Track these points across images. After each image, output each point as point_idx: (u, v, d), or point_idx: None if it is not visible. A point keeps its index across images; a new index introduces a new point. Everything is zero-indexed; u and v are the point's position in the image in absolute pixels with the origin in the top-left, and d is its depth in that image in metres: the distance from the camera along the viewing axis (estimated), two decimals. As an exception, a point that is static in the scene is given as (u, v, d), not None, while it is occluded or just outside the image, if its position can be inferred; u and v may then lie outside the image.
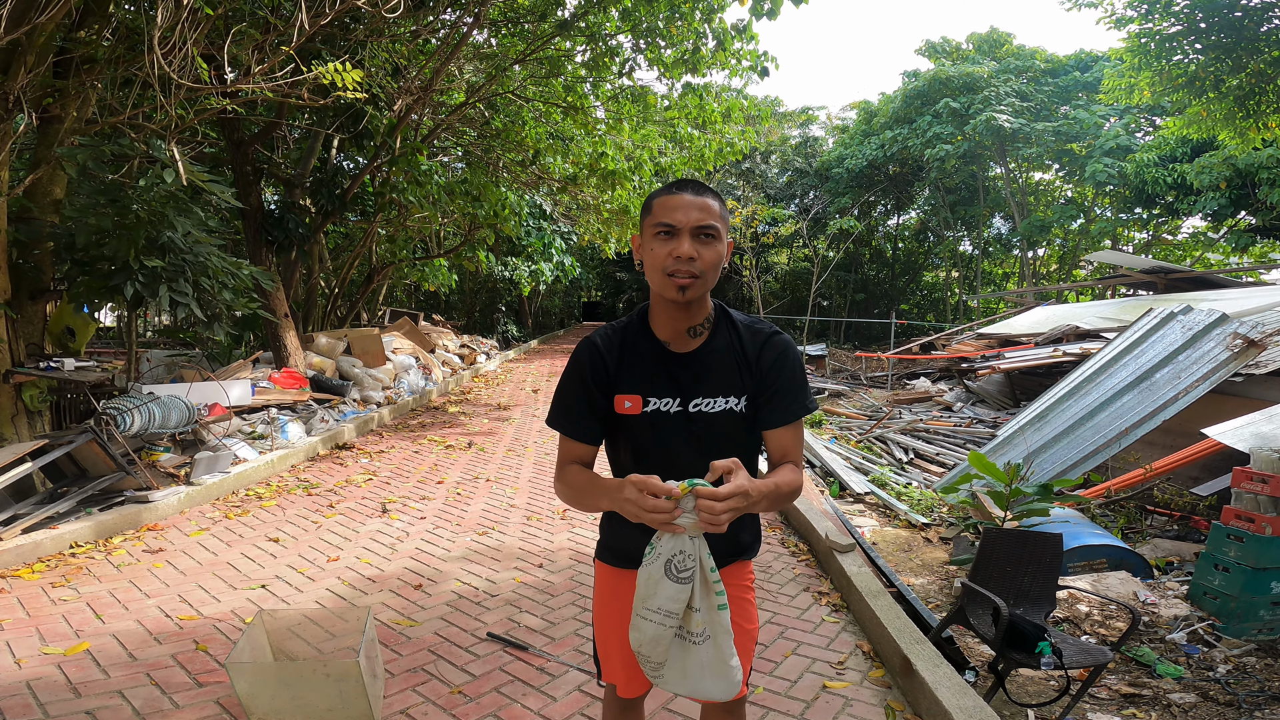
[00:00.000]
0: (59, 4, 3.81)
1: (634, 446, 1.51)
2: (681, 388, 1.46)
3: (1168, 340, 6.00)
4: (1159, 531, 5.00)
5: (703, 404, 1.46)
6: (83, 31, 4.70)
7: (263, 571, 4.11)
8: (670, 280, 1.37)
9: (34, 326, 5.12)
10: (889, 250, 27.62)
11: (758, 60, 8.50)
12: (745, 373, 1.48)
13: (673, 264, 1.36)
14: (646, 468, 1.43)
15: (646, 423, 1.46)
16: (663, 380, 1.47)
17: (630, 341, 1.49)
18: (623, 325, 1.53)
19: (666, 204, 1.39)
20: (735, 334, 1.50)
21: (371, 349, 9.44)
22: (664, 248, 1.37)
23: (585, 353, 1.50)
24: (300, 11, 4.05)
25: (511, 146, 9.98)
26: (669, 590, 1.26)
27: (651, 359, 1.48)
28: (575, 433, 1.50)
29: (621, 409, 1.47)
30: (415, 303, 19.96)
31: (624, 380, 1.47)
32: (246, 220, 8.22)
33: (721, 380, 1.47)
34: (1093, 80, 18.92)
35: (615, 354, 1.49)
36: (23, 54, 4.30)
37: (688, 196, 1.38)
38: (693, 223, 1.36)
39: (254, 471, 5.94)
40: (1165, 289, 11.40)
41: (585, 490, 1.44)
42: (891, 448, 7.95)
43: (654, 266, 1.39)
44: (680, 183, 1.42)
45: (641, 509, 1.22)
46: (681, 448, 1.47)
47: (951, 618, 3.22)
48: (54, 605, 3.53)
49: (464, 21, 8.18)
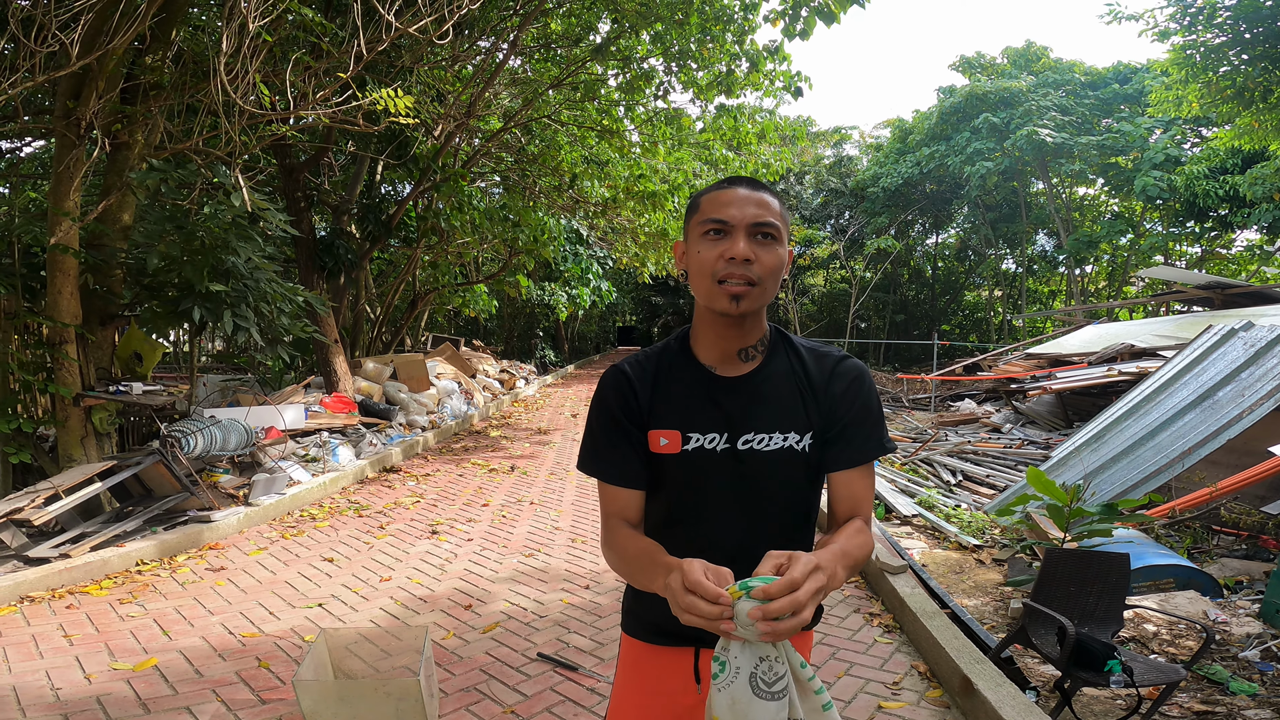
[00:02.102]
0: (129, 29, 4.03)
1: (669, 497, 1.25)
2: (730, 420, 1.20)
3: (1230, 357, 5.79)
4: (1226, 551, 4.83)
5: (755, 441, 1.20)
6: (149, 58, 4.96)
7: (319, 590, 4.19)
8: (721, 288, 1.14)
9: (103, 351, 5.36)
10: (928, 270, 27.23)
11: (791, 81, 8.56)
12: (810, 403, 1.23)
13: (725, 267, 1.13)
14: (682, 524, 1.24)
15: (686, 463, 1.21)
16: (706, 410, 1.21)
17: (667, 367, 1.25)
18: (659, 350, 1.29)
19: (718, 199, 1.18)
20: (797, 358, 1.26)
21: (416, 374, 9.63)
22: (714, 249, 1.15)
23: (612, 383, 1.26)
24: (359, 38, 4.24)
25: (548, 171, 10.19)
26: (764, 713, 0.95)
27: (693, 385, 1.23)
28: (614, 476, 1.23)
29: (656, 447, 1.22)
30: (455, 328, 20.32)
31: (659, 412, 1.22)
32: (299, 246, 8.51)
33: (780, 411, 1.21)
34: (1134, 92, 18.55)
35: (649, 382, 1.24)
36: (94, 79, 4.51)
37: (742, 191, 1.17)
38: (749, 219, 1.14)
39: (307, 493, 6.08)
40: (1222, 305, 11.00)
41: (639, 564, 1.13)
42: (938, 470, 7.78)
43: (701, 272, 1.16)
44: (734, 178, 1.21)
45: (682, 609, 0.92)
46: (726, 497, 1.21)
47: (1013, 637, 3.19)
48: (122, 621, 3.65)
49: (499, 48, 8.43)
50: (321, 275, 8.68)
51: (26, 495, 4.48)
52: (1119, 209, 21.04)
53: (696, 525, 1.24)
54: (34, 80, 3.83)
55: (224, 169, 4.57)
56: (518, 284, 12.29)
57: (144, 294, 4.59)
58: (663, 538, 1.19)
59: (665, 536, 1.21)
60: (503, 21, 7.98)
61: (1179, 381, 6.08)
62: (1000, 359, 13.76)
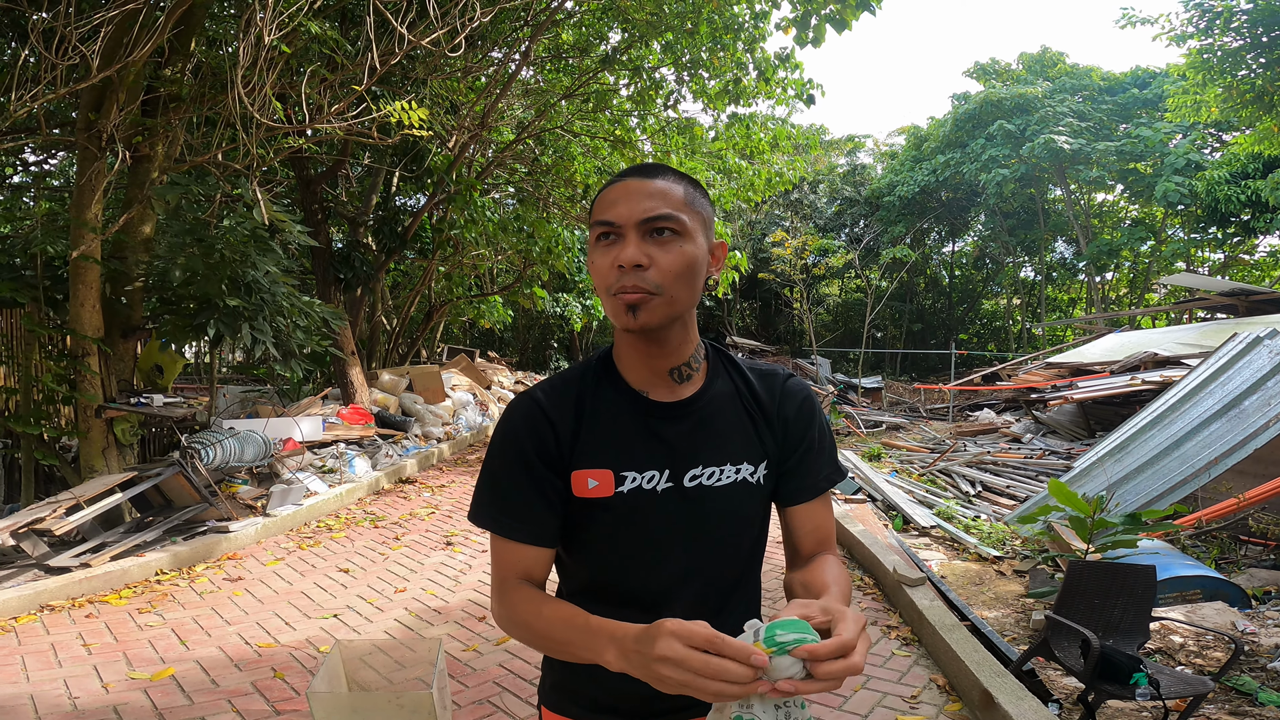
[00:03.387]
0: (149, 43, 4.10)
1: (594, 551, 1.02)
2: (673, 453, 1.00)
3: (1255, 366, 5.68)
4: (1254, 561, 4.74)
5: (704, 476, 1.01)
6: (168, 70, 5.05)
7: (335, 601, 4.20)
8: (616, 300, 0.95)
9: (125, 363, 5.44)
10: (945, 278, 27.01)
11: (802, 89, 8.56)
12: (764, 429, 1.06)
13: (615, 277, 0.94)
14: (609, 583, 1.02)
15: (622, 508, 0.99)
16: (643, 443, 1.00)
17: (589, 392, 1.03)
18: (577, 372, 1.06)
19: (605, 197, 0.99)
20: (741, 378, 1.08)
21: (432, 386, 9.69)
22: (606, 256, 0.96)
23: (522, 414, 1.01)
24: (372, 51, 4.29)
25: (561, 182, 10.25)
26: None
27: (624, 413, 1.01)
28: (522, 532, 0.98)
29: (583, 491, 0.99)
30: (470, 339, 20.44)
31: (586, 448, 0.99)
32: (316, 258, 8.61)
33: (730, 440, 1.03)
34: (1152, 97, 18.35)
35: (570, 412, 1.01)
36: (114, 92, 4.59)
37: (633, 183, 0.98)
38: (639, 214, 0.94)
39: (324, 504, 6.12)
40: (1247, 312, 10.81)
41: (564, 634, 0.92)
42: (957, 480, 7.68)
43: (598, 284, 0.98)
44: (628, 169, 1.02)
45: (698, 675, 0.74)
46: (669, 545, 1.00)
47: (1035, 649, 3.15)
48: (140, 631, 3.68)
49: (511, 59, 8.51)
50: (338, 287, 8.77)
51: (48, 505, 4.55)
52: (1139, 215, 20.78)
53: (628, 581, 1.02)
54: (56, 92, 3.91)
55: (244, 182, 4.64)
56: (533, 295, 12.35)
57: (162, 307, 4.66)
58: (581, 600, 0.98)
59: (584, 599, 1.00)
60: (514, 32, 8.07)
61: (1204, 391, 5.97)
62: (1020, 368, 13.60)
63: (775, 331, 27.01)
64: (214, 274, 4.29)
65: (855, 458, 8.51)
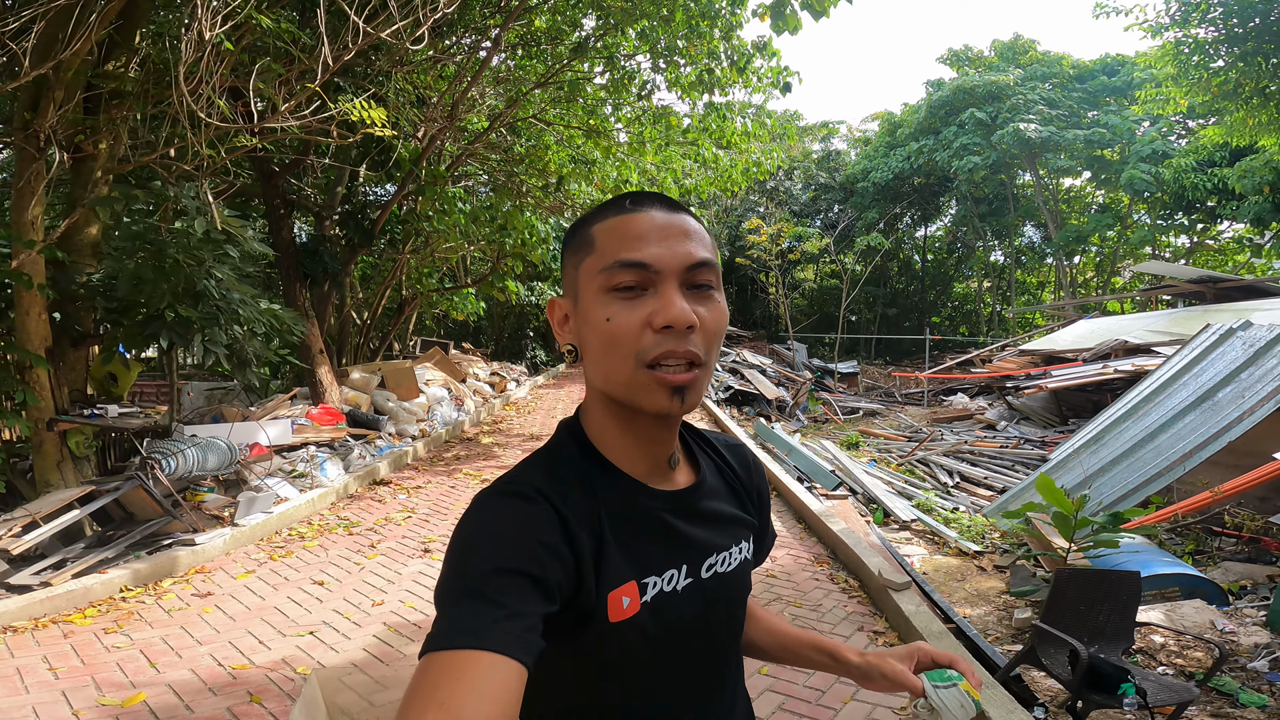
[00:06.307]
0: (83, 38, 3.85)
1: (618, 674, 0.82)
2: (691, 547, 0.87)
3: (1229, 358, 5.75)
4: (1228, 554, 4.81)
5: (718, 563, 0.90)
6: (110, 65, 4.76)
7: (310, 617, 4.07)
8: (654, 376, 0.75)
9: (77, 373, 5.19)
10: (917, 263, 27.26)
11: (779, 76, 8.45)
12: (747, 502, 0.98)
13: (654, 341, 0.75)
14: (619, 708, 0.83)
15: (650, 622, 0.82)
16: (661, 543, 0.84)
17: (598, 491, 0.82)
18: (560, 460, 0.84)
19: (626, 229, 0.78)
20: (712, 449, 0.98)
21: (405, 382, 9.48)
22: (632, 312, 0.76)
23: (527, 520, 0.74)
24: (324, 44, 4.07)
25: (534, 172, 10.04)
26: None
27: (635, 512, 0.83)
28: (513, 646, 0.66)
29: (620, 613, 0.79)
30: (445, 330, 20.14)
31: (611, 563, 0.79)
32: (280, 254, 8.34)
33: (731, 519, 0.94)
34: (1121, 84, 18.58)
35: (588, 513, 0.78)
36: (51, 90, 4.33)
37: (661, 215, 0.79)
38: (682, 260, 0.77)
39: (295, 511, 5.94)
40: (1215, 299, 11.02)
41: None
42: (935, 471, 7.73)
43: (612, 348, 0.76)
44: (637, 196, 0.82)
45: None
46: (688, 647, 0.86)
47: (1021, 658, 3.15)
48: (108, 652, 3.53)
49: (482, 46, 8.26)
50: (304, 284, 8.50)
51: (3, 524, 4.33)
52: (1106, 200, 21.10)
53: (646, 701, 0.85)
54: (-15, 90, 3.66)
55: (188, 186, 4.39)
56: (507, 289, 12.15)
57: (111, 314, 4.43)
58: None
59: None
60: (485, 20, 7.82)
61: (1178, 382, 6.04)
62: (994, 355, 13.77)
63: (751, 317, 27.08)
64: (164, 281, 4.06)
65: (834, 447, 8.52)
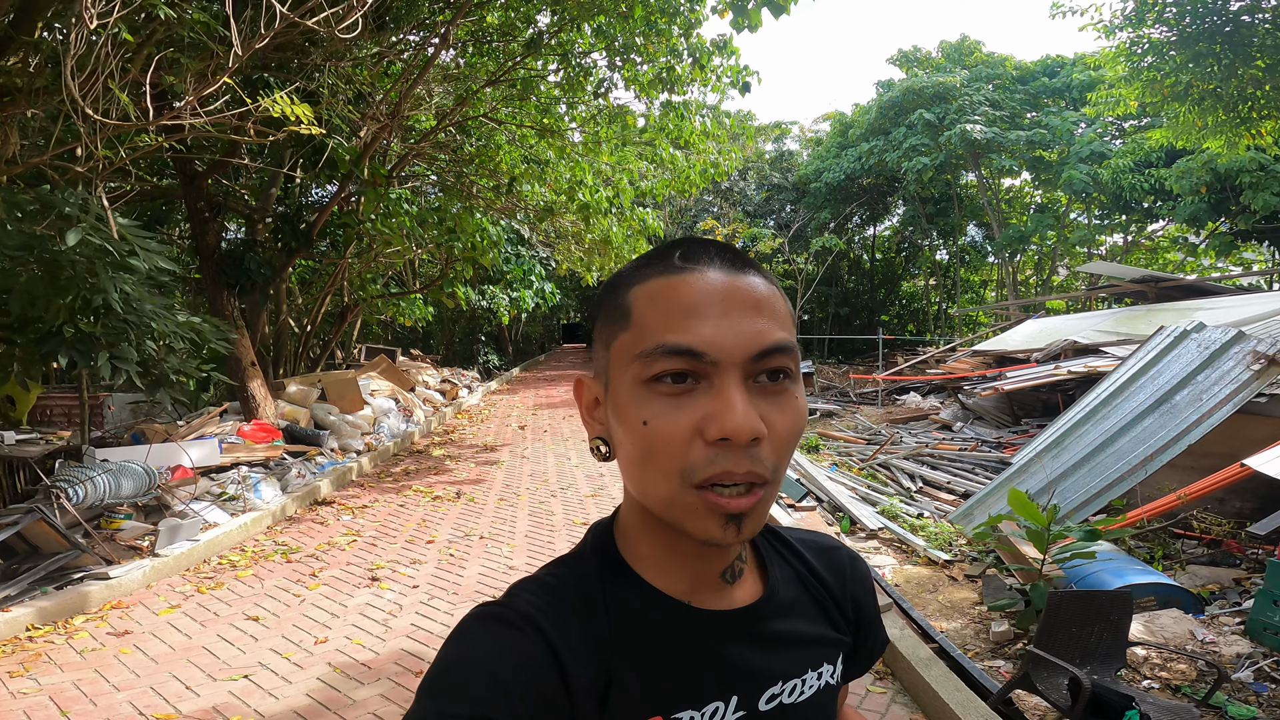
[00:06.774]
0: None
1: None
2: (743, 676, 0.68)
3: (1185, 360, 5.79)
4: (1193, 558, 4.83)
5: (784, 693, 0.70)
6: (5, 60, 4.24)
7: (244, 658, 3.68)
8: (705, 499, 0.58)
9: (-31, 396, 4.63)
10: (867, 262, 27.66)
11: (738, 76, 8.28)
12: (837, 617, 0.78)
13: (712, 460, 0.57)
14: None
15: None
16: (701, 672, 0.66)
17: (609, 607, 0.66)
18: (576, 578, 0.68)
19: (675, 297, 0.60)
20: (795, 556, 0.79)
21: (348, 393, 8.97)
22: (679, 413, 0.58)
23: (506, 649, 0.60)
24: (232, 34, 3.65)
25: (485, 173, 9.63)
26: None
27: (667, 637, 0.66)
28: None
29: None
30: (392, 336, 19.43)
31: (622, 703, 0.63)
32: (203, 261, 7.75)
33: (808, 640, 0.74)
34: (1061, 85, 19.11)
35: (589, 641, 0.63)
36: None
37: (717, 277, 0.60)
38: (749, 346, 0.58)
39: (226, 537, 5.47)
40: (1157, 298, 11.35)
41: None
42: (898, 475, 7.66)
43: (653, 458, 0.59)
44: (690, 246, 0.63)
45: None
46: None
47: (1015, 683, 3.03)
48: (14, 699, 3.15)
49: (430, 42, 7.84)
50: (232, 292, 7.92)
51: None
52: (1044, 200, 21.72)
53: None
54: None
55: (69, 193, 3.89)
56: (455, 295, 11.69)
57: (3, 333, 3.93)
58: None
59: None
60: (434, 15, 7.40)
61: (1135, 385, 6.06)
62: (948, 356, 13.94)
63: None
64: (60, 296, 3.59)
65: (795, 452, 8.39)
